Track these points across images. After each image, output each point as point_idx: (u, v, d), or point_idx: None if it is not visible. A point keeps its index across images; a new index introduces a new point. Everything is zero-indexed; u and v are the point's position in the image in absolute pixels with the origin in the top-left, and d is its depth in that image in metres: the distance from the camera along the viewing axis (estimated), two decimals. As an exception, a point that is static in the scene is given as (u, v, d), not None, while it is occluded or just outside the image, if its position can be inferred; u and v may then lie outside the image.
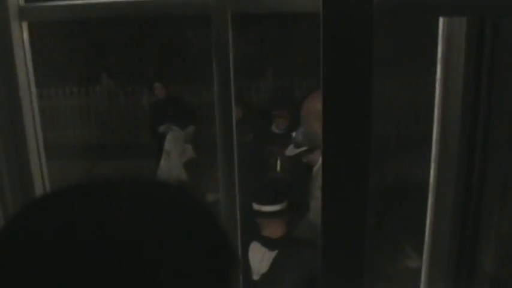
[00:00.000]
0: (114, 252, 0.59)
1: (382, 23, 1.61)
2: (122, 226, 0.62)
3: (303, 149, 3.77)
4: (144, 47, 8.23)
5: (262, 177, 4.76)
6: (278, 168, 4.46)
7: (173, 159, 5.31)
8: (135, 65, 8.55)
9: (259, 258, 3.42)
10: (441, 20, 1.76)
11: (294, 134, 3.89)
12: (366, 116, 1.67)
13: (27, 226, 0.63)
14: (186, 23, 8.01)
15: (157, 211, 0.67)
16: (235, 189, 1.94)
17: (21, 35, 1.93)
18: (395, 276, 4.10)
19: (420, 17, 1.85)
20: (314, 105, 3.18)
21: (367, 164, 1.72)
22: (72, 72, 7.94)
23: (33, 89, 2.00)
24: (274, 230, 3.40)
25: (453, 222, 1.90)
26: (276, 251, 3.37)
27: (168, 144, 5.40)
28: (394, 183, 5.11)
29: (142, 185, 0.74)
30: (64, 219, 0.62)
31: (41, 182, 2.05)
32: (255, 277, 3.42)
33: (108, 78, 8.66)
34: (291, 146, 3.88)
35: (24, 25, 1.94)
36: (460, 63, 1.74)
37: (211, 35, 1.79)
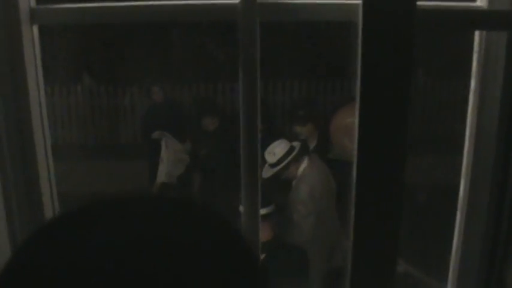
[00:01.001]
0: (129, 278, 0.55)
1: (422, 36, 1.55)
2: (136, 250, 0.58)
3: (278, 168, 3.93)
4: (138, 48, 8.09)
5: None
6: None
7: (168, 167, 5.23)
8: (118, 65, 8.41)
9: None
10: (477, 33, 1.71)
11: (267, 152, 3.92)
12: (402, 133, 1.61)
13: (36, 256, 0.59)
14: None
15: (172, 232, 0.62)
16: (258, 200, 1.87)
17: (32, 38, 1.82)
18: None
19: (460, 29, 1.80)
20: (343, 120, 3.18)
21: (401, 181, 1.66)
22: (54, 71, 7.77)
23: (43, 92, 1.91)
24: (261, 233, 3.33)
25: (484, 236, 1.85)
26: (263, 255, 3.31)
27: (162, 152, 5.31)
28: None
29: (150, 204, 0.68)
30: (74, 249, 0.58)
31: (48, 183, 1.98)
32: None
33: (89, 77, 8.49)
34: (266, 166, 3.99)
35: (35, 28, 1.82)
36: (499, 75, 1.68)
37: (239, 42, 1.70)
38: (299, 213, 3.78)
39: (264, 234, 3.32)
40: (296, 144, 4.04)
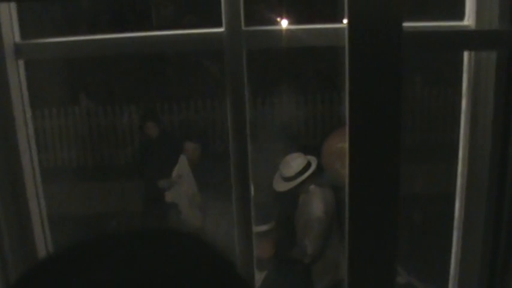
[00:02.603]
0: None
1: (410, 57, 1.53)
2: None
3: (295, 182, 3.71)
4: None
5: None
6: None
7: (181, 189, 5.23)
8: (114, 86, 8.42)
9: None
10: (466, 54, 1.69)
11: (283, 164, 3.81)
12: (394, 156, 1.59)
13: None
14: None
15: (174, 271, 0.61)
16: (250, 218, 1.84)
17: (18, 73, 1.80)
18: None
19: (447, 51, 1.78)
20: (334, 145, 3.12)
21: (395, 205, 1.63)
22: (52, 93, 7.77)
23: (31, 127, 1.88)
24: (262, 250, 3.31)
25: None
26: (266, 272, 3.29)
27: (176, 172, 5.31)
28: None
29: (153, 242, 0.66)
30: None
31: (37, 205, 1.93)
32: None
33: (86, 98, 8.49)
34: (280, 179, 3.82)
35: (21, 63, 1.81)
36: (490, 95, 1.66)
37: (225, 70, 1.69)
38: (314, 230, 3.61)
39: (265, 250, 3.31)
40: (312, 158, 3.81)
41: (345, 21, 1.52)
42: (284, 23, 6.30)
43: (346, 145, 1.60)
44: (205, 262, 0.65)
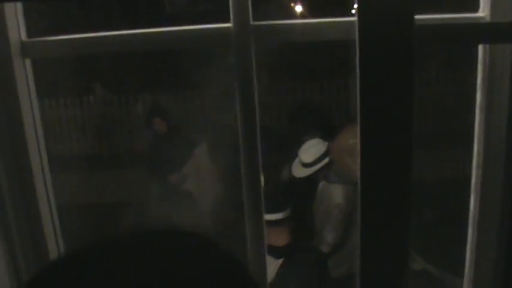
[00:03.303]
0: None
1: (422, 50, 1.49)
2: None
3: (315, 168, 3.69)
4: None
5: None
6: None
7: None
8: (129, 75, 8.44)
9: None
10: (480, 47, 1.64)
11: (302, 150, 3.79)
12: (406, 152, 1.56)
13: None
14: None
15: (182, 273, 0.60)
16: (261, 207, 1.82)
17: (25, 72, 1.79)
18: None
19: (460, 44, 1.73)
20: (346, 141, 3.12)
21: (408, 200, 1.60)
22: (66, 82, 7.81)
23: (40, 128, 1.87)
24: (277, 238, 3.30)
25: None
26: (281, 260, 3.27)
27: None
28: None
29: (160, 243, 0.65)
30: None
31: (45, 195, 1.93)
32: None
33: (101, 88, 8.52)
34: (299, 165, 3.80)
35: (27, 62, 1.79)
36: (505, 89, 1.62)
37: (234, 67, 1.66)
38: (334, 218, 3.59)
39: (281, 239, 3.30)
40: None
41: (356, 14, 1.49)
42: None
43: (358, 141, 1.58)
44: (213, 264, 0.64)
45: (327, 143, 3.75)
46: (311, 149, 3.74)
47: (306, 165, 3.74)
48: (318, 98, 8.32)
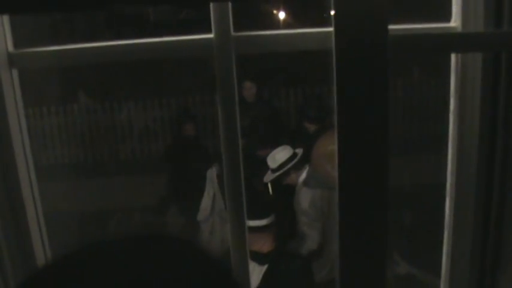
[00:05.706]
0: None
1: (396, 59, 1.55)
2: None
3: (278, 173, 3.98)
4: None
5: (247, 192, 4.71)
6: (270, 191, 4.50)
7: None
8: (113, 83, 8.44)
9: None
10: (453, 56, 1.71)
11: (269, 157, 3.99)
12: (382, 157, 1.61)
13: None
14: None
15: (169, 278, 0.62)
16: (244, 214, 1.86)
17: (12, 82, 1.82)
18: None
19: (433, 53, 1.80)
20: (325, 148, 3.22)
21: (384, 203, 1.66)
22: (50, 91, 7.79)
23: (26, 138, 1.89)
24: (262, 244, 3.33)
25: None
26: (266, 265, 3.30)
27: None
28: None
29: (147, 248, 0.67)
30: None
31: (33, 202, 1.95)
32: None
33: (85, 96, 8.50)
34: (269, 172, 4.08)
35: (14, 72, 1.82)
36: (476, 95, 1.68)
37: (216, 76, 1.71)
38: (302, 223, 3.76)
39: (266, 245, 3.33)
40: (299, 151, 4.07)
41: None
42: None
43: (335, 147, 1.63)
44: (197, 267, 0.66)
45: (294, 150, 4.05)
46: (275, 156, 4.03)
47: (272, 170, 4.04)
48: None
